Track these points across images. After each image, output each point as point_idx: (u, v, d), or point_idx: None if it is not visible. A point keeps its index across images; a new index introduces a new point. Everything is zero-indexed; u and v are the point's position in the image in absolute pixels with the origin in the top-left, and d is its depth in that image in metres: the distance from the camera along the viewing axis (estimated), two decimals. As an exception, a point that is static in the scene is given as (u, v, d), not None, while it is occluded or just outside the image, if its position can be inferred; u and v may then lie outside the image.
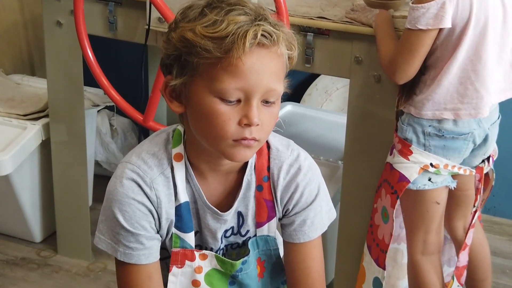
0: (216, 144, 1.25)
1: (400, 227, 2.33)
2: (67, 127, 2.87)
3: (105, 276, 2.95)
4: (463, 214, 2.35)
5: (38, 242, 3.17)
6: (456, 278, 2.27)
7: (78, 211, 2.98)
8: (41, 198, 3.09)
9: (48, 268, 3.00)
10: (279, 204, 1.39)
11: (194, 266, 1.39)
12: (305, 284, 1.39)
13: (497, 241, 3.28)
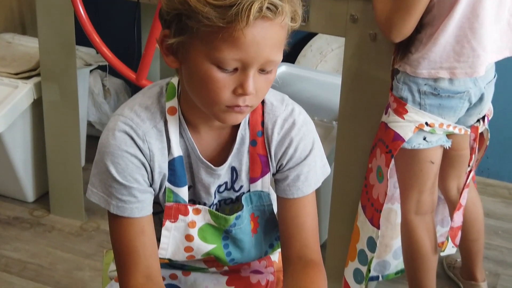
0: (208, 107, 1.24)
1: (394, 187, 2.33)
2: (59, 86, 2.84)
3: (98, 235, 2.95)
4: (457, 174, 2.35)
5: (31, 201, 3.17)
6: (450, 239, 2.27)
7: (70, 171, 2.97)
8: (33, 158, 3.07)
9: (41, 228, 3.00)
10: (273, 159, 1.38)
11: (188, 221, 1.38)
12: (298, 240, 1.38)
13: (490, 203, 3.30)
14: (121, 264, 1.31)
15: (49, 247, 2.87)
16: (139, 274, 1.29)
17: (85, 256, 2.81)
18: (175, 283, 1.52)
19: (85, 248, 2.87)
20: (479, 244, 2.53)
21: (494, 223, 3.13)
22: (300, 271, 1.35)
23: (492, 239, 3.02)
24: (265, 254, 1.50)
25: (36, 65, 2.97)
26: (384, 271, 2.52)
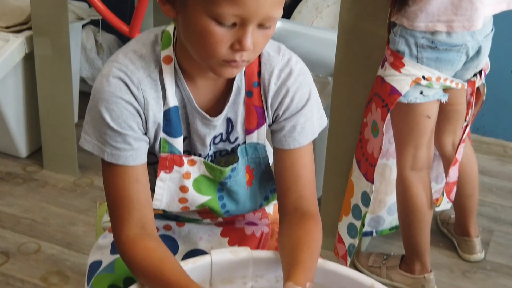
0: (204, 60, 1.22)
1: (389, 142, 2.31)
2: (51, 40, 2.80)
3: (92, 191, 2.94)
4: (452, 129, 2.34)
5: (24, 157, 3.16)
6: (445, 194, 2.27)
7: (63, 127, 2.95)
8: (26, 113, 3.05)
9: (34, 183, 2.99)
10: (269, 110, 1.36)
11: (182, 172, 1.37)
12: (294, 191, 1.37)
13: (485, 160, 3.30)
14: (115, 213, 1.29)
15: (43, 202, 2.86)
16: (134, 224, 1.27)
17: (79, 211, 2.81)
18: (169, 234, 1.51)
19: (79, 203, 2.86)
20: (473, 200, 2.53)
21: (489, 181, 3.14)
22: (295, 223, 1.34)
23: (486, 196, 3.03)
24: (260, 206, 1.50)
25: (28, 18, 2.92)
26: (378, 226, 2.52)
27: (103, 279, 1.41)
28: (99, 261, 1.47)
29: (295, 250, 1.27)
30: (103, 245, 1.50)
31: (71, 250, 2.58)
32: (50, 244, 2.60)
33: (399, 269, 2.45)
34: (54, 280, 2.42)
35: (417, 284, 2.41)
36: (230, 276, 1.35)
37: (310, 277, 1.23)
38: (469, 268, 2.58)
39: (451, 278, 2.52)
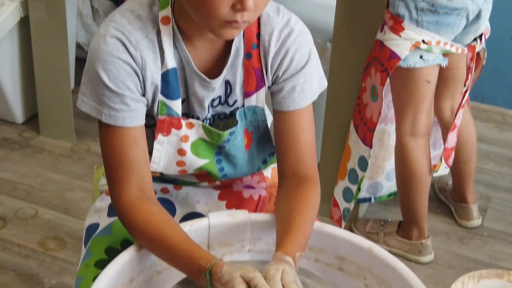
0: (205, 20, 1.20)
1: (388, 108, 2.30)
2: (47, 4, 2.77)
3: (89, 157, 2.93)
4: (451, 94, 2.32)
5: (20, 123, 3.14)
6: (444, 159, 2.26)
7: (60, 93, 2.93)
8: (21, 79, 3.03)
9: (30, 149, 2.98)
10: (269, 73, 1.34)
11: (180, 135, 1.35)
12: (293, 154, 1.35)
13: (484, 127, 3.29)
14: (113, 176, 1.28)
15: (39, 168, 2.85)
16: (133, 187, 1.26)
17: (76, 177, 2.80)
18: (166, 196, 1.50)
19: (76, 169, 2.85)
20: (470, 166, 2.52)
21: (487, 148, 3.14)
22: (292, 188, 1.33)
23: (484, 163, 3.02)
24: (258, 169, 1.48)
25: (23, -18, 2.89)
26: (376, 192, 2.52)
27: (101, 241, 1.40)
28: (96, 223, 1.47)
29: (288, 217, 1.26)
30: (100, 207, 1.50)
31: (68, 216, 2.57)
32: (47, 210, 2.60)
33: (396, 235, 2.45)
34: (52, 245, 2.42)
35: (414, 250, 2.42)
36: (227, 239, 1.34)
37: (301, 247, 1.22)
38: (466, 235, 2.58)
39: (448, 244, 2.52)
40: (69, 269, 2.30)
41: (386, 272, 1.26)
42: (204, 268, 1.14)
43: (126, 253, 1.23)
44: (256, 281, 1.08)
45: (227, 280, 1.10)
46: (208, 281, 1.13)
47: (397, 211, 2.60)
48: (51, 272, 2.30)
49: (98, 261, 1.36)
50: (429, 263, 2.43)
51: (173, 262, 1.20)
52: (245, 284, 1.09)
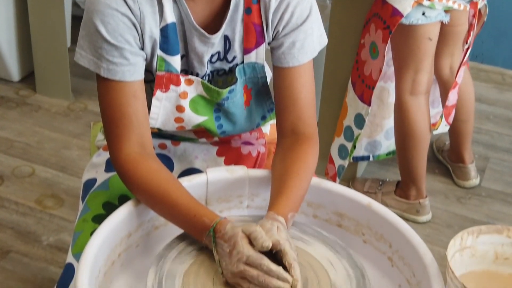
0: None
1: (387, 65, 2.28)
2: (42, -40, 2.73)
3: (85, 116, 2.92)
4: (450, 52, 2.30)
5: (16, 81, 3.12)
6: (444, 117, 2.25)
7: (56, 51, 2.90)
8: (17, 36, 2.99)
9: (27, 107, 2.96)
10: (269, 28, 1.32)
11: (179, 91, 1.34)
12: (292, 112, 1.34)
13: (483, 88, 3.27)
14: (112, 132, 1.25)
15: (36, 126, 2.84)
16: (133, 143, 1.24)
17: (73, 135, 2.79)
18: (164, 152, 1.49)
19: (73, 128, 2.84)
20: (468, 125, 2.51)
21: (486, 108, 3.12)
22: (290, 146, 1.32)
23: (483, 123, 3.01)
24: (257, 126, 1.47)
25: None
26: (375, 151, 2.51)
27: (98, 196, 1.40)
28: (93, 179, 1.46)
29: (284, 176, 1.24)
30: (97, 163, 1.49)
31: (66, 174, 2.56)
32: (44, 168, 2.59)
33: (394, 194, 2.45)
34: (49, 203, 2.42)
35: (412, 209, 2.42)
36: (226, 195, 1.34)
37: (294, 207, 1.21)
38: (464, 194, 2.58)
39: (445, 204, 2.53)
40: (67, 227, 2.30)
41: (385, 228, 1.26)
42: (208, 226, 1.14)
43: (123, 208, 1.22)
44: (256, 234, 1.09)
45: (230, 236, 1.10)
46: (212, 238, 1.13)
47: (395, 171, 2.60)
48: (48, 230, 2.30)
49: (96, 216, 1.36)
50: (426, 222, 2.43)
51: (176, 219, 1.20)
52: (246, 239, 1.10)
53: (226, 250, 1.10)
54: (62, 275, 1.32)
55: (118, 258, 1.22)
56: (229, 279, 1.10)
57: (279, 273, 1.06)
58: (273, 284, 1.05)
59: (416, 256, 1.17)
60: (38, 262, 2.17)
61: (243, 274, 1.07)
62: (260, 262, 1.07)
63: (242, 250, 1.08)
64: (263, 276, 1.06)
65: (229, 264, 1.09)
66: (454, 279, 1.06)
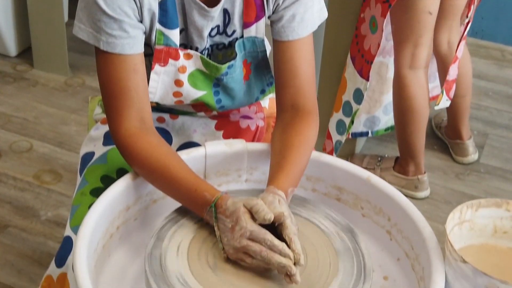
0: None
1: (386, 40, 2.26)
2: None
3: (83, 91, 2.90)
4: (448, 26, 2.29)
5: (14, 56, 3.10)
6: (445, 92, 2.24)
7: (53, 26, 2.88)
8: (14, 11, 2.97)
9: (24, 82, 2.95)
10: (269, 1, 1.31)
11: (178, 66, 1.32)
12: (292, 86, 1.32)
13: (482, 64, 3.26)
14: (112, 106, 1.24)
15: (34, 102, 2.83)
16: (133, 117, 1.23)
17: (71, 111, 2.78)
18: (162, 126, 1.48)
19: (70, 103, 2.83)
20: (466, 101, 2.50)
21: (485, 85, 3.11)
22: (290, 120, 1.31)
23: (483, 100, 3.01)
24: (256, 100, 1.46)
25: None
26: (373, 127, 2.51)
27: (96, 170, 1.39)
28: (91, 152, 1.45)
29: (284, 151, 1.24)
30: (95, 136, 1.48)
31: (64, 149, 2.56)
32: (42, 143, 2.58)
33: (393, 170, 2.45)
34: (47, 178, 2.42)
35: (411, 185, 2.42)
36: (224, 169, 1.33)
37: (294, 182, 1.21)
38: (462, 171, 2.58)
39: (444, 180, 2.52)
40: (65, 202, 2.30)
41: (384, 201, 1.25)
42: (209, 201, 1.13)
43: (121, 181, 1.22)
44: (257, 207, 1.08)
45: (232, 212, 1.09)
46: (213, 214, 1.12)
47: (394, 147, 2.59)
48: (47, 205, 2.30)
49: (94, 189, 1.35)
50: (425, 198, 2.43)
51: (176, 194, 1.19)
52: (248, 213, 1.09)
53: (228, 225, 1.09)
54: (60, 248, 1.32)
55: (116, 231, 1.21)
56: (230, 255, 1.09)
57: (282, 249, 1.05)
58: (275, 259, 1.05)
59: (415, 230, 1.17)
60: (36, 237, 2.17)
61: (245, 249, 1.07)
62: (264, 237, 1.06)
63: (245, 225, 1.07)
64: (266, 252, 1.05)
65: (231, 240, 1.08)
66: (453, 253, 1.06)
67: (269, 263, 1.05)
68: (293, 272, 1.04)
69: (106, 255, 1.20)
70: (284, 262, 1.04)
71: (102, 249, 1.17)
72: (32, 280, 2.01)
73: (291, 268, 1.04)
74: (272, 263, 1.05)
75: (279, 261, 1.04)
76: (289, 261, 1.04)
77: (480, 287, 1.03)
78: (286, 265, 1.04)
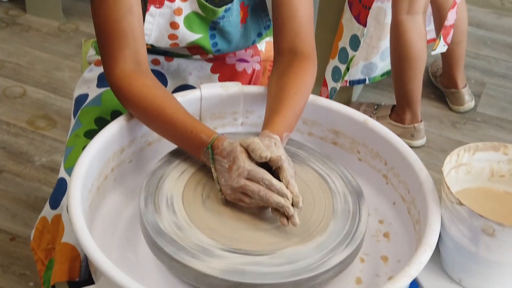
0: None
1: (385, -16, 2.23)
2: None
3: (77, 37, 2.87)
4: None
5: (6, 0, 3.05)
6: (442, 37, 2.21)
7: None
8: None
9: (17, 27, 2.91)
10: None
11: (174, 8, 1.30)
12: (290, 29, 1.30)
13: (481, 13, 3.22)
14: (107, 47, 1.21)
15: (27, 47, 2.79)
16: (128, 59, 1.20)
17: (64, 56, 2.75)
18: (157, 68, 1.46)
19: (64, 49, 2.79)
20: (461, 47, 2.48)
21: (484, 34, 3.08)
22: (288, 64, 1.28)
23: (481, 49, 2.98)
24: (252, 43, 1.44)
25: None
26: (371, 73, 2.49)
27: (90, 112, 1.37)
28: (85, 94, 1.43)
29: (280, 94, 1.21)
30: (89, 78, 1.46)
31: (57, 95, 2.54)
32: (36, 89, 2.56)
33: (389, 118, 2.44)
34: (41, 124, 2.40)
35: (407, 133, 2.41)
36: (220, 112, 1.32)
37: (290, 127, 1.19)
38: (459, 119, 2.57)
39: (440, 128, 2.52)
40: (59, 148, 2.29)
41: (381, 145, 1.24)
42: (206, 142, 1.11)
43: (115, 123, 1.20)
44: (254, 145, 1.07)
45: (229, 152, 1.07)
46: (210, 155, 1.10)
47: (390, 95, 2.58)
48: (41, 151, 2.29)
49: (88, 131, 1.34)
50: (421, 147, 2.43)
51: (172, 136, 1.17)
52: (246, 153, 1.07)
53: (225, 166, 1.08)
54: (54, 190, 1.31)
55: (111, 173, 1.21)
56: (228, 196, 1.08)
57: (280, 188, 1.04)
58: (273, 199, 1.03)
59: (412, 173, 1.17)
60: (30, 182, 2.17)
61: (243, 189, 1.05)
62: (262, 177, 1.04)
63: (243, 164, 1.05)
64: (264, 191, 1.04)
65: (229, 180, 1.07)
66: (450, 195, 1.05)
67: (267, 202, 1.04)
68: (291, 212, 1.03)
69: (101, 197, 1.19)
70: (283, 202, 1.03)
71: (96, 190, 1.16)
72: (27, 225, 2.01)
73: (289, 209, 1.03)
74: (271, 203, 1.04)
75: (278, 200, 1.03)
76: (287, 202, 1.03)
77: (475, 229, 1.03)
78: (284, 205, 1.03)
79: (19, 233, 2.00)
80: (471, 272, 1.09)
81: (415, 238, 1.14)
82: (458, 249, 1.07)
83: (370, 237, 1.19)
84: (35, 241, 1.35)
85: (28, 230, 1.98)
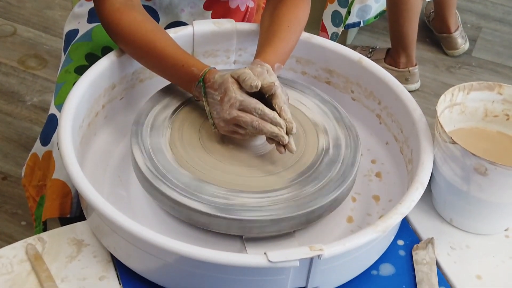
0: None
1: None
2: None
3: (68, -25, 2.81)
4: None
5: None
6: None
7: None
8: None
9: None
10: None
11: None
12: None
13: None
14: None
15: (17, -15, 2.74)
16: None
17: (56, -5, 2.70)
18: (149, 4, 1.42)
19: (55, -12, 2.74)
20: None
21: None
22: None
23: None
24: (246, -21, 1.41)
25: None
26: (365, 16, 2.45)
27: (80, 47, 1.35)
28: (75, 29, 1.40)
29: (273, 27, 1.19)
30: (80, 13, 1.43)
31: (48, 35, 2.50)
32: (26, 28, 2.52)
33: (384, 62, 2.42)
34: (32, 64, 2.37)
35: (401, 77, 2.39)
36: (212, 49, 1.30)
37: (282, 59, 1.16)
38: (454, 64, 2.55)
39: (435, 73, 2.50)
40: (51, 88, 2.27)
41: (375, 84, 1.23)
42: (197, 75, 1.09)
43: (106, 59, 1.18)
44: (244, 76, 1.04)
45: (220, 84, 1.05)
46: (202, 88, 1.08)
47: (385, 39, 2.55)
48: (32, 90, 2.26)
49: (78, 67, 1.32)
50: (415, 90, 2.42)
51: (163, 70, 1.15)
52: (237, 84, 1.05)
53: (217, 98, 1.06)
54: (45, 127, 1.30)
55: (102, 110, 1.19)
56: (221, 129, 1.07)
57: (273, 117, 1.02)
58: (267, 129, 1.02)
59: (405, 112, 1.16)
60: (22, 121, 2.15)
61: (236, 120, 1.04)
62: (255, 107, 1.03)
63: (234, 95, 1.04)
64: (257, 121, 1.02)
65: (221, 112, 1.05)
66: (443, 134, 1.05)
67: (261, 133, 1.03)
68: (285, 141, 1.02)
69: (92, 134, 1.18)
70: (276, 131, 1.02)
71: (87, 126, 1.15)
72: (18, 164, 2.01)
73: (284, 138, 1.02)
74: (264, 133, 1.03)
75: (271, 130, 1.02)
76: (281, 131, 1.02)
77: (468, 168, 1.03)
78: (278, 134, 1.02)
79: (10, 172, 1.99)
80: (462, 212, 1.09)
81: (407, 178, 1.13)
82: (450, 189, 1.07)
83: (362, 176, 1.19)
84: (26, 178, 1.34)
85: (20, 170, 1.98)
